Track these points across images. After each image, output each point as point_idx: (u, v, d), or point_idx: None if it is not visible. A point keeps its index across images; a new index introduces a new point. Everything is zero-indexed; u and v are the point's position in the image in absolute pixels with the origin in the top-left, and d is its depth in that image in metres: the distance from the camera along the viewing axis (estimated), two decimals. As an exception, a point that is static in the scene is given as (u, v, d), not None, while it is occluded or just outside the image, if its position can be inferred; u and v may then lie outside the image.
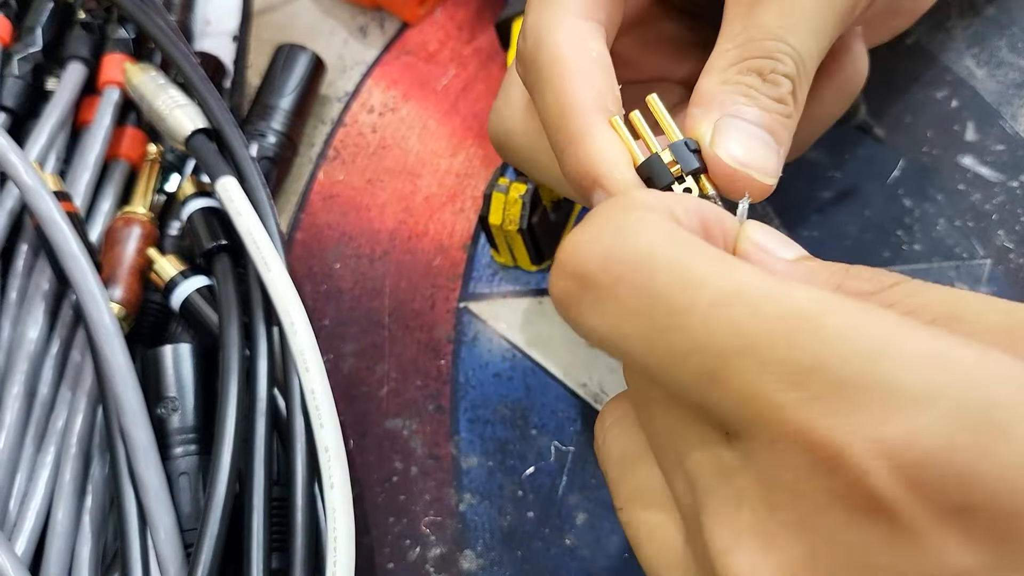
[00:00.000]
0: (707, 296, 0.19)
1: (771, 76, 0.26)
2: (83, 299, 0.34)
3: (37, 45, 0.43)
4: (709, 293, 0.19)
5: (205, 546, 0.30)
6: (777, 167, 0.26)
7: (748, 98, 0.26)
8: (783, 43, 0.26)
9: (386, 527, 0.36)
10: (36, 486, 0.34)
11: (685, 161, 0.25)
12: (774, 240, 0.24)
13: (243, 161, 0.38)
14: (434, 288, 0.41)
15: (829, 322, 0.18)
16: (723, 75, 0.26)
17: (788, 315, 0.19)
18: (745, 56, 0.26)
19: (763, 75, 0.26)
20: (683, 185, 0.25)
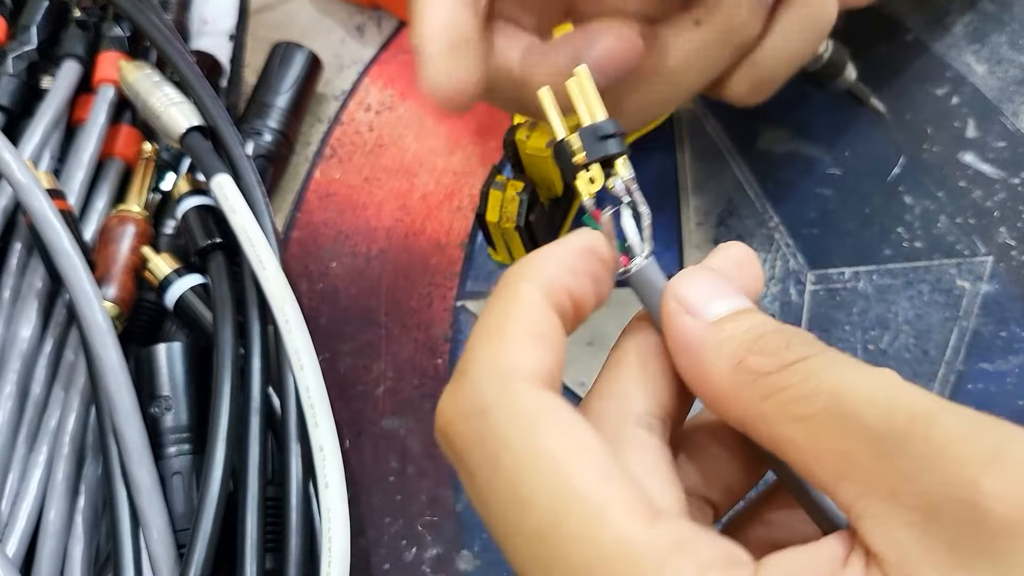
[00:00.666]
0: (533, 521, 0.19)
1: None
2: (76, 298, 0.34)
3: (32, 43, 0.43)
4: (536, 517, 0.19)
5: (198, 546, 0.30)
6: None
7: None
8: None
9: (382, 527, 0.36)
10: (28, 486, 0.34)
11: (591, 149, 0.25)
12: (702, 294, 0.23)
13: (238, 159, 0.38)
14: (431, 286, 0.41)
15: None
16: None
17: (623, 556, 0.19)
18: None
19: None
20: (588, 174, 0.25)
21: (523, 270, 0.24)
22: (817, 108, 0.42)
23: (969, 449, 0.18)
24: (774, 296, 0.38)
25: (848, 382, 0.20)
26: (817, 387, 0.20)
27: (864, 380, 0.20)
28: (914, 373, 0.35)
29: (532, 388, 0.21)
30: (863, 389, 0.20)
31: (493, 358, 0.22)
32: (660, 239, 0.40)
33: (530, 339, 0.22)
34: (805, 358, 0.21)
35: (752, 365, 0.21)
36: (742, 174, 0.41)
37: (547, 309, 0.23)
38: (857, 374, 0.20)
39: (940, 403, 0.19)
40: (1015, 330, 0.35)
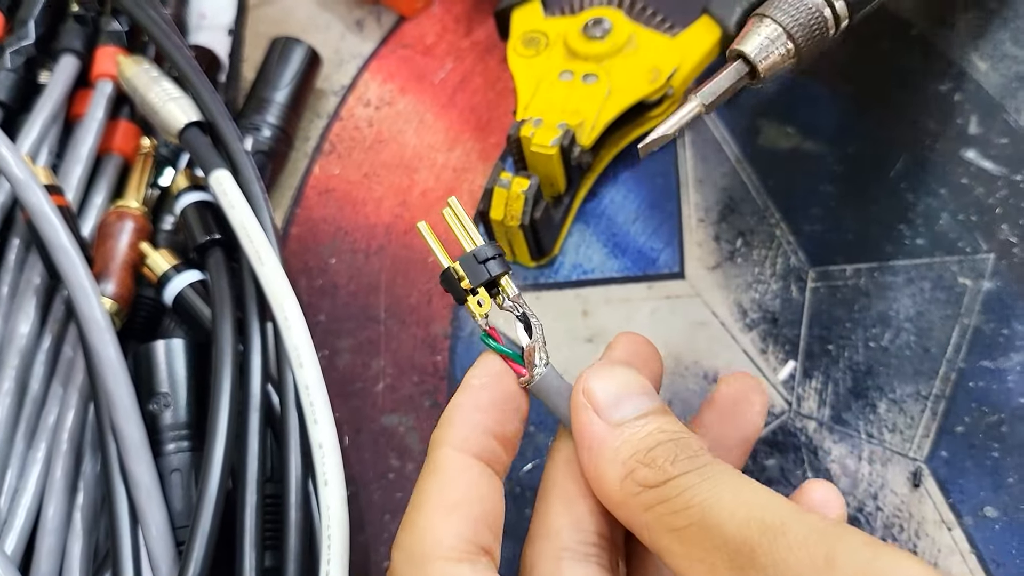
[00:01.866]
0: None
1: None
2: (74, 294, 0.34)
3: (30, 38, 0.43)
4: None
5: (197, 543, 0.30)
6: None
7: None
8: None
9: (382, 525, 0.35)
10: (27, 483, 0.33)
11: (472, 274, 0.26)
12: (610, 393, 0.26)
13: (237, 154, 0.38)
14: (431, 283, 0.41)
15: None
16: None
17: None
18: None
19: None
20: (476, 298, 0.26)
21: (440, 434, 0.26)
22: (820, 106, 0.42)
23: (806, 558, 0.20)
24: (775, 293, 0.38)
25: (717, 497, 0.22)
26: (690, 501, 0.22)
27: (731, 495, 0.22)
28: (915, 370, 0.35)
29: (448, 566, 0.23)
30: (728, 504, 0.22)
31: (414, 540, 0.24)
32: (661, 236, 0.40)
33: (446, 511, 0.24)
34: (685, 473, 0.23)
35: (640, 477, 0.24)
36: (743, 171, 0.41)
37: (465, 468, 0.25)
38: (727, 488, 0.22)
39: (789, 512, 0.21)
40: (1016, 327, 0.35)
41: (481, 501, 0.25)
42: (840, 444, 0.34)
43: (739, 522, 0.21)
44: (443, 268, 0.27)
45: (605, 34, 0.41)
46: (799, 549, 0.20)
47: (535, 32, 0.43)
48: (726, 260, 0.39)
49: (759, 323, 0.37)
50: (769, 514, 0.21)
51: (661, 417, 0.25)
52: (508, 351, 0.27)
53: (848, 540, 0.20)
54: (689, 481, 0.23)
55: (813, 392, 0.36)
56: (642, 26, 0.42)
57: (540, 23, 0.43)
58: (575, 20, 0.42)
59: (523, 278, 0.40)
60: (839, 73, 0.43)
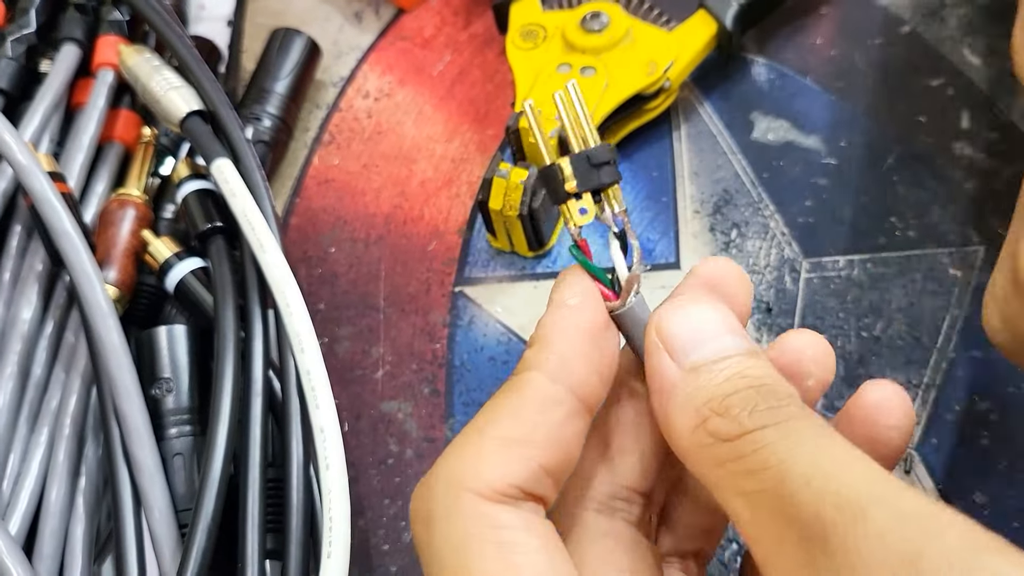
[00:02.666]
0: None
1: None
2: (77, 279, 0.34)
3: (31, 26, 0.43)
4: None
5: (200, 526, 0.30)
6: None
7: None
8: None
9: (381, 509, 0.36)
10: (29, 467, 0.34)
11: (582, 178, 0.23)
12: (687, 335, 0.22)
13: (238, 143, 0.38)
14: (429, 272, 0.41)
15: None
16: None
17: None
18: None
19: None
20: (579, 204, 0.24)
21: (534, 356, 0.23)
22: (813, 100, 0.43)
23: (885, 552, 0.17)
24: (769, 284, 0.38)
25: (794, 459, 0.19)
26: (765, 462, 0.19)
27: (809, 458, 0.19)
28: (907, 360, 0.36)
29: (479, 503, 0.21)
30: (805, 470, 0.19)
31: (455, 464, 0.21)
32: (657, 227, 0.41)
33: (505, 445, 0.21)
34: (763, 427, 0.20)
35: (712, 428, 0.21)
36: (738, 163, 0.42)
37: (554, 404, 0.22)
38: (807, 450, 0.19)
39: (876, 490, 0.18)
40: (1006, 318, 0.36)
41: (559, 448, 0.22)
42: (833, 431, 0.35)
43: (814, 494, 0.18)
44: (547, 163, 0.24)
45: (603, 27, 0.41)
46: (878, 540, 0.17)
47: (533, 25, 0.43)
48: (721, 251, 0.40)
49: (753, 312, 0.38)
50: (851, 489, 0.18)
51: (746, 360, 0.22)
52: (598, 269, 0.24)
53: (945, 538, 0.17)
54: (767, 437, 0.20)
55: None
56: (639, 20, 0.42)
57: (538, 16, 0.43)
58: (573, 13, 0.42)
59: (520, 267, 0.41)
60: (833, 69, 0.44)
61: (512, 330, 0.39)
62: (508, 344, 0.39)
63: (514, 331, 0.39)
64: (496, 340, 0.39)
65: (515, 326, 0.39)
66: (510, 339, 0.39)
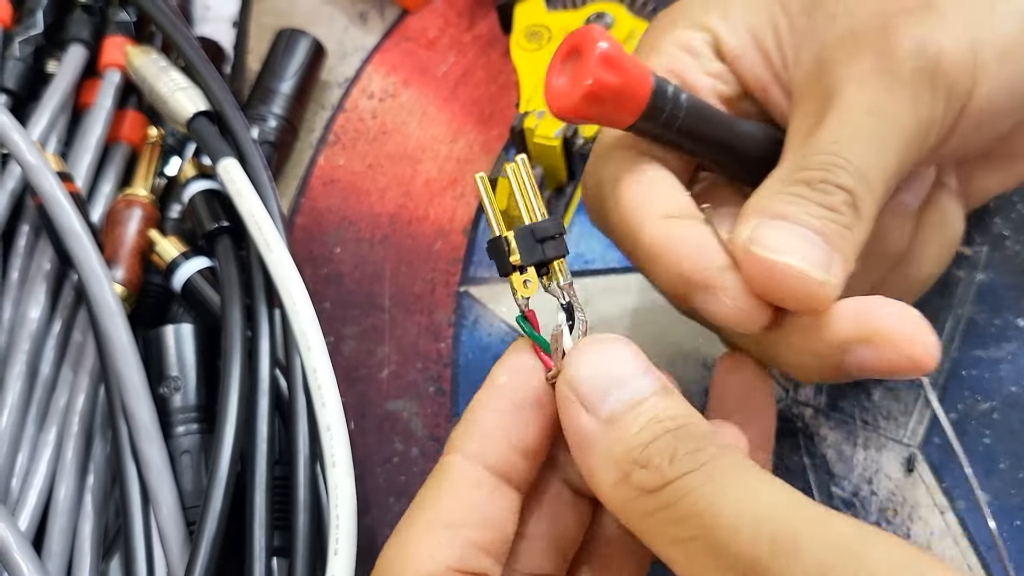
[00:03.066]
0: None
1: (820, 185, 0.24)
2: (85, 277, 0.34)
3: (38, 27, 0.43)
4: None
5: (208, 523, 0.30)
6: (826, 261, 0.23)
7: (795, 205, 0.24)
8: (837, 156, 0.24)
9: (387, 507, 0.36)
10: (38, 465, 0.34)
11: (525, 253, 0.24)
12: (598, 382, 0.22)
13: (244, 143, 0.38)
14: (434, 272, 0.41)
15: None
16: (772, 188, 0.25)
17: None
18: (796, 170, 0.25)
19: (811, 184, 0.24)
20: (524, 276, 0.24)
21: (455, 437, 0.23)
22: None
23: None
24: (773, 283, 0.39)
25: (722, 502, 0.19)
26: (692, 509, 0.20)
27: (737, 501, 0.19)
28: (909, 359, 0.36)
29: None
30: (733, 513, 0.19)
31: (391, 554, 0.23)
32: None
33: (430, 529, 0.22)
34: (685, 474, 0.20)
35: (635, 481, 0.21)
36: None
37: (475, 484, 0.22)
38: (734, 491, 0.20)
39: (807, 526, 0.19)
40: (1009, 318, 0.36)
41: (484, 525, 0.22)
42: (836, 430, 0.35)
43: (747, 537, 0.19)
44: (494, 235, 0.24)
45: (607, 28, 0.41)
46: (817, 572, 0.18)
47: (538, 26, 0.43)
48: (725, 251, 0.40)
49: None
50: (781, 525, 0.19)
51: (660, 402, 0.22)
52: (542, 340, 0.24)
53: (876, 560, 0.18)
54: (691, 483, 0.20)
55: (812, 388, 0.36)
56: (644, 20, 0.42)
57: (543, 17, 0.44)
58: (577, 14, 0.43)
59: (525, 267, 0.41)
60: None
61: (517, 330, 0.39)
62: (513, 343, 0.39)
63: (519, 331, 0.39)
64: (501, 339, 0.39)
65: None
66: (514, 339, 0.39)
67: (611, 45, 0.24)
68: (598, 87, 0.24)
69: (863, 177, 0.24)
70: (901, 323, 0.23)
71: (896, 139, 0.25)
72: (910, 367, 0.23)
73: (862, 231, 0.25)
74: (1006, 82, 0.26)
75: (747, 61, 0.28)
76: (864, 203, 0.25)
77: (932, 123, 0.25)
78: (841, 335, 0.23)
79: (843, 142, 0.25)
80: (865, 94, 0.25)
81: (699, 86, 0.28)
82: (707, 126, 0.26)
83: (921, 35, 0.25)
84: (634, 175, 0.26)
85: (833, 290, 0.23)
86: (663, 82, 0.25)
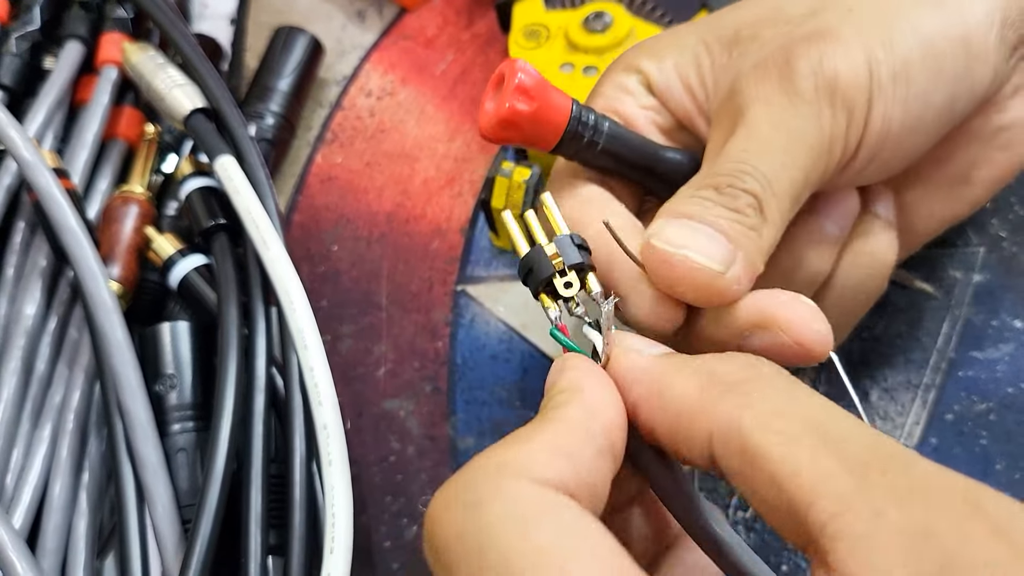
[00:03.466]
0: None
1: (727, 189, 0.26)
2: (81, 274, 0.34)
3: (35, 24, 0.43)
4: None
5: (203, 521, 0.30)
6: (727, 258, 0.25)
7: (700, 206, 0.26)
8: (744, 164, 0.26)
9: (383, 506, 0.36)
10: (33, 462, 0.34)
11: (567, 255, 0.25)
12: (642, 342, 0.24)
13: (242, 140, 0.38)
14: (432, 271, 0.41)
15: None
16: (682, 194, 0.27)
17: None
18: (706, 177, 0.27)
19: (719, 188, 0.26)
20: (564, 279, 0.25)
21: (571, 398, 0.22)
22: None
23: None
24: (770, 283, 0.39)
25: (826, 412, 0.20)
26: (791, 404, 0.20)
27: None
28: (906, 360, 0.36)
29: (535, 486, 0.20)
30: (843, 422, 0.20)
31: (499, 455, 0.20)
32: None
33: (553, 450, 0.21)
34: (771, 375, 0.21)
35: (724, 375, 0.21)
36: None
37: (588, 435, 0.21)
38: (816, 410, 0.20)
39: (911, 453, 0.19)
40: (1005, 319, 0.36)
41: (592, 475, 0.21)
42: (833, 431, 0.35)
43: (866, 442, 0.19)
44: (526, 251, 0.25)
45: (606, 27, 0.41)
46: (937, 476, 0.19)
47: (536, 25, 0.43)
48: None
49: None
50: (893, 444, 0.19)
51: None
52: (579, 350, 0.25)
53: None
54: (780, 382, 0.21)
55: (807, 380, 0.36)
56: (642, 20, 0.42)
57: (541, 16, 0.44)
58: (576, 13, 0.43)
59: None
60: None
61: (514, 329, 0.39)
62: (510, 343, 0.39)
63: (516, 330, 0.39)
64: (498, 339, 0.39)
65: (517, 325, 0.39)
66: (512, 338, 0.39)
67: (528, 77, 0.27)
68: (512, 114, 0.26)
69: (769, 183, 0.26)
70: (793, 310, 0.24)
71: (800, 152, 0.27)
72: (801, 352, 0.24)
73: (768, 234, 0.26)
74: (899, 101, 0.27)
75: (674, 95, 0.31)
76: (769, 207, 0.26)
77: (835, 138, 0.27)
78: (740, 322, 0.25)
79: (750, 151, 0.26)
80: (770, 111, 0.27)
81: (635, 118, 0.31)
82: (629, 150, 0.29)
83: (818, 58, 0.27)
84: (573, 191, 0.29)
85: (733, 284, 0.25)
86: (584, 111, 0.28)
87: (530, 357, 0.39)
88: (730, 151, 0.27)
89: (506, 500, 0.19)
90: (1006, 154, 0.31)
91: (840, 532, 0.18)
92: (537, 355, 0.39)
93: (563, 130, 0.27)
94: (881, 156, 0.28)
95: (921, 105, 0.28)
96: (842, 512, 0.18)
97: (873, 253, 0.31)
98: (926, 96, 0.28)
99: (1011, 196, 0.38)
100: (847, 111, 0.27)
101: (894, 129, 0.28)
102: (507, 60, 0.27)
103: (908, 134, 0.28)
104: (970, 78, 0.28)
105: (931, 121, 0.28)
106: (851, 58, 0.27)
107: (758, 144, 0.27)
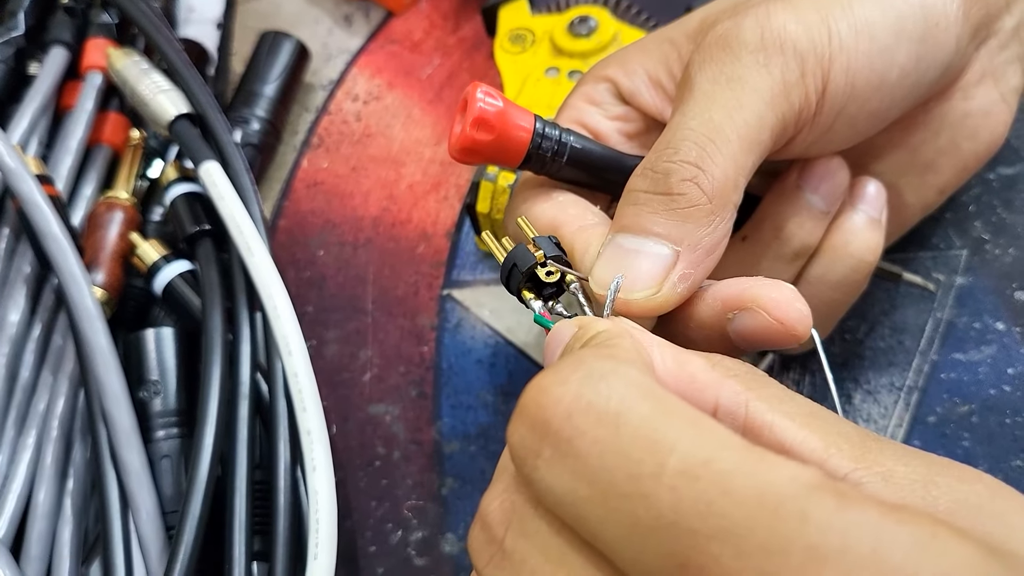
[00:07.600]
0: (675, 462, 0.17)
1: (661, 168, 0.26)
2: (65, 282, 0.34)
3: (19, 29, 0.43)
4: (677, 459, 0.17)
5: (187, 528, 0.30)
6: (658, 274, 0.25)
7: (635, 212, 0.26)
8: (681, 130, 0.26)
9: (368, 511, 0.36)
10: (17, 469, 0.34)
11: (546, 248, 0.26)
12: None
13: (226, 146, 0.38)
14: (418, 275, 0.41)
15: (812, 512, 0.16)
16: (624, 197, 0.27)
17: (765, 497, 0.16)
18: (643, 163, 0.27)
19: (655, 170, 0.26)
20: (546, 269, 0.26)
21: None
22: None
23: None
24: (754, 287, 0.39)
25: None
26: (791, 395, 0.22)
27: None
28: (889, 362, 0.36)
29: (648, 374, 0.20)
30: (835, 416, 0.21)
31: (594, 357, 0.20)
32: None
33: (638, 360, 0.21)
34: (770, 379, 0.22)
35: (731, 365, 0.22)
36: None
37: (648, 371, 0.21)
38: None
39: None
40: (988, 321, 0.36)
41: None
42: (816, 433, 0.35)
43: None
44: (506, 254, 0.27)
45: (591, 32, 0.41)
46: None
47: (522, 29, 0.43)
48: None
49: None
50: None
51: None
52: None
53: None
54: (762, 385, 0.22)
55: (791, 383, 0.36)
56: (627, 24, 0.43)
57: (527, 20, 0.44)
58: (561, 18, 0.43)
59: (508, 271, 0.41)
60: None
61: (500, 333, 0.39)
62: (495, 347, 0.39)
63: (502, 334, 0.39)
64: (484, 343, 0.39)
65: (503, 329, 0.39)
66: (497, 342, 0.39)
67: (488, 106, 0.27)
68: (472, 143, 0.28)
69: (708, 135, 0.26)
70: (776, 291, 0.25)
71: (746, 96, 0.26)
72: (783, 331, 0.24)
73: (720, 188, 0.26)
74: (863, 54, 0.27)
75: (644, 96, 0.31)
76: (716, 157, 0.26)
77: (789, 84, 0.27)
78: (723, 304, 0.25)
79: (688, 113, 0.26)
80: (713, 69, 0.27)
81: (602, 130, 0.31)
82: (592, 162, 0.30)
83: (765, 15, 0.27)
84: (548, 197, 0.29)
85: (671, 296, 0.25)
86: (549, 127, 0.29)
87: (515, 361, 0.39)
88: (671, 123, 0.27)
89: (627, 376, 0.19)
90: (972, 143, 0.32)
91: (858, 482, 0.19)
92: (523, 359, 0.39)
93: (525, 151, 0.28)
94: (848, 111, 0.28)
95: (886, 61, 0.28)
96: (854, 469, 0.19)
97: (856, 247, 0.31)
98: (890, 53, 0.28)
99: (993, 199, 0.39)
100: (799, 60, 0.27)
101: (859, 84, 0.28)
102: (472, 84, 0.28)
103: (874, 92, 0.28)
104: (932, 41, 0.28)
105: (896, 81, 0.28)
106: (802, 17, 0.27)
107: (696, 104, 0.27)
